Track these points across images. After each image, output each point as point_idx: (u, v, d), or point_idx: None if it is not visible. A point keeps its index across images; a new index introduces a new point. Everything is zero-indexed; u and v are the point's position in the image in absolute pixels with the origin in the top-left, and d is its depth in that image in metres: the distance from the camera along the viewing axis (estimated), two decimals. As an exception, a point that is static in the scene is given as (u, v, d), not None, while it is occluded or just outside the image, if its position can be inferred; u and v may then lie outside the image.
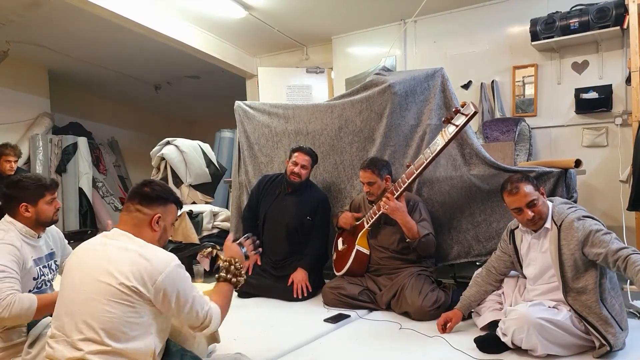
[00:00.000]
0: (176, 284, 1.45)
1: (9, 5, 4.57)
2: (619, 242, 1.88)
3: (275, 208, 3.21)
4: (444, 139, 2.51)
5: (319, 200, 3.19)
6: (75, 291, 1.44)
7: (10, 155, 3.84)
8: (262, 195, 3.31)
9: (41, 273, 1.95)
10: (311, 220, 3.15)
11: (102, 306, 1.38)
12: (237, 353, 1.98)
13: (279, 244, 3.20)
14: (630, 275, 1.79)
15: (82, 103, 7.70)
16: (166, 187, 1.66)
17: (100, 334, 1.37)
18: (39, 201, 1.96)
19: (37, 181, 1.99)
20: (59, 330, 1.43)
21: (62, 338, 1.41)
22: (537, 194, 2.07)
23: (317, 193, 3.24)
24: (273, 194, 3.25)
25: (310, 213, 3.15)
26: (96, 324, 1.37)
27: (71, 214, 6.36)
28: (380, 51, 5.05)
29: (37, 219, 1.96)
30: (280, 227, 3.19)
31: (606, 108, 3.92)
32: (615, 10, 3.69)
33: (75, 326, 1.39)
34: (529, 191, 2.04)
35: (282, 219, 3.18)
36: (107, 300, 1.38)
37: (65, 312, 1.43)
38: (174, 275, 1.45)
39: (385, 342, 2.25)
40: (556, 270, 2.01)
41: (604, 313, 1.91)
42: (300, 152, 3.14)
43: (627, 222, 3.40)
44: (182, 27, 5.03)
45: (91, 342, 1.37)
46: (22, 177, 2.00)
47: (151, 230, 1.56)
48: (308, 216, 3.15)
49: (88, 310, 1.39)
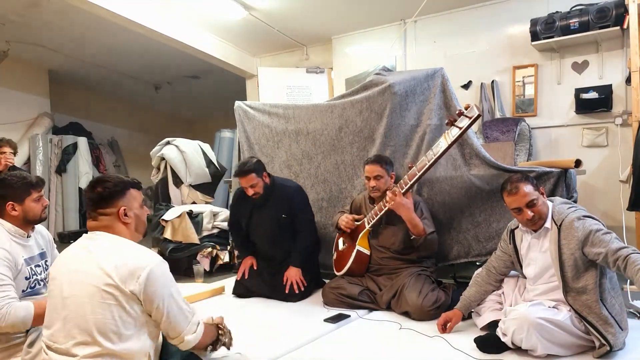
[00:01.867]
0: (160, 281, 1.43)
1: (9, 5, 4.58)
2: (619, 242, 1.88)
3: (252, 221, 3.18)
4: (447, 141, 2.51)
5: (290, 194, 3.10)
6: (64, 297, 1.42)
7: (5, 146, 3.75)
8: (238, 211, 3.27)
9: (33, 272, 1.94)
10: (287, 218, 3.08)
11: (94, 308, 1.37)
12: (237, 353, 1.98)
13: (267, 249, 3.20)
14: (630, 274, 1.79)
15: (82, 103, 7.71)
16: (116, 177, 1.59)
17: (94, 336, 1.35)
18: (26, 199, 1.94)
19: (22, 179, 1.97)
20: (52, 339, 1.41)
21: (56, 346, 1.40)
22: (537, 193, 2.06)
23: (286, 188, 3.13)
24: (246, 209, 3.18)
25: (285, 210, 3.08)
26: (90, 326, 1.36)
27: (71, 214, 6.38)
28: (380, 51, 5.05)
29: (25, 217, 1.95)
30: (262, 236, 3.18)
31: (606, 108, 3.92)
32: (615, 10, 3.69)
33: (68, 332, 1.38)
34: (528, 191, 2.04)
35: (262, 229, 3.16)
36: (97, 302, 1.37)
37: (56, 320, 1.42)
38: (158, 272, 1.43)
39: (385, 342, 2.25)
40: (556, 270, 2.01)
41: (603, 313, 1.91)
42: (239, 177, 2.99)
43: (627, 222, 3.41)
44: (182, 27, 5.03)
45: (85, 345, 1.36)
46: (7, 175, 1.99)
47: (123, 224, 1.53)
48: (283, 215, 3.08)
49: (80, 315, 1.38)
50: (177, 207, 4.29)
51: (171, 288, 1.47)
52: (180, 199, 4.61)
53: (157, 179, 4.77)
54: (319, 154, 3.50)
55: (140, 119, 8.89)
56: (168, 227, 4.08)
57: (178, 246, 4.01)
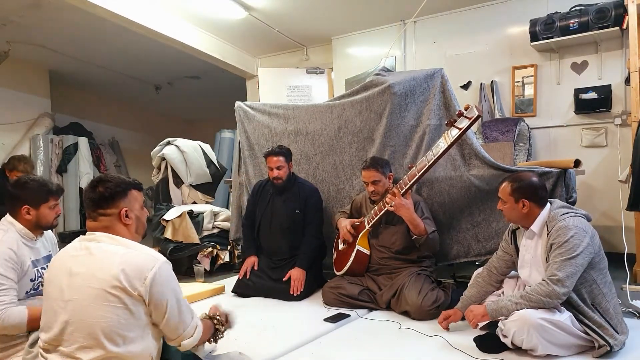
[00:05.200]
0: (165, 281, 1.42)
1: (9, 6, 4.59)
2: (565, 270, 1.88)
3: (268, 210, 3.29)
4: (447, 141, 2.52)
5: (307, 193, 3.24)
6: (65, 301, 1.38)
7: (19, 172, 3.77)
8: (257, 201, 3.38)
9: (39, 274, 1.96)
10: (301, 214, 3.19)
11: (98, 312, 1.34)
12: (237, 353, 1.99)
13: (276, 244, 3.25)
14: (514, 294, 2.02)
15: (82, 103, 7.71)
16: (118, 178, 1.56)
17: (99, 339, 1.33)
18: (42, 205, 1.96)
19: (43, 185, 1.99)
20: (52, 342, 1.39)
21: (57, 349, 1.38)
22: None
23: (305, 187, 3.28)
24: (265, 198, 3.32)
25: (300, 207, 3.20)
26: (94, 330, 1.34)
27: (72, 214, 6.39)
28: (380, 52, 5.06)
29: (37, 223, 1.97)
30: (274, 227, 3.25)
31: (605, 108, 3.93)
32: (615, 10, 3.70)
33: (71, 336, 1.36)
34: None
35: (275, 219, 3.25)
36: (101, 305, 1.35)
37: (56, 323, 1.38)
38: (163, 272, 1.42)
39: (385, 341, 2.26)
40: (541, 275, 2.03)
41: (596, 318, 1.93)
42: (270, 156, 3.18)
43: (627, 222, 3.41)
44: (183, 27, 5.04)
45: (89, 349, 1.34)
46: (29, 179, 2.00)
47: (124, 225, 1.51)
48: (297, 210, 3.19)
49: (83, 318, 1.35)
50: (177, 207, 4.30)
51: (175, 288, 1.46)
52: (181, 198, 4.62)
53: (158, 179, 4.77)
54: (317, 154, 3.51)
55: (140, 119, 8.90)
56: (169, 227, 4.09)
57: (179, 246, 4.02)
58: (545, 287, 1.89)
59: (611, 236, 3.75)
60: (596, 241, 1.99)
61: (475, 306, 2.15)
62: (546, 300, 1.88)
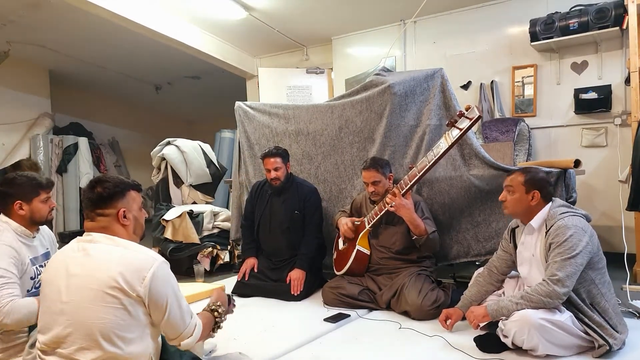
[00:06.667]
0: (164, 281, 1.42)
1: (9, 6, 4.59)
2: (565, 269, 1.88)
3: (267, 211, 3.29)
4: (448, 142, 2.52)
5: (306, 194, 3.24)
6: (62, 302, 1.38)
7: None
8: (255, 202, 3.39)
9: (38, 272, 1.95)
10: (300, 214, 3.19)
11: (96, 313, 1.34)
12: (237, 353, 1.99)
13: (275, 245, 3.26)
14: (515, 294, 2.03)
15: (82, 103, 7.71)
16: (117, 178, 1.55)
17: (98, 341, 1.33)
18: (34, 199, 1.95)
19: (33, 179, 1.98)
20: (50, 344, 1.38)
21: (55, 351, 1.37)
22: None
23: (303, 187, 3.28)
24: (264, 199, 3.33)
25: (298, 207, 3.20)
26: (93, 331, 1.33)
27: (72, 214, 6.39)
28: (380, 52, 5.06)
29: (31, 218, 1.95)
30: (273, 227, 3.25)
31: (605, 108, 3.93)
32: (615, 10, 3.70)
33: (69, 337, 1.35)
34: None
35: (274, 220, 3.25)
36: (99, 306, 1.34)
37: (54, 324, 1.38)
38: (161, 271, 1.42)
39: (385, 341, 2.26)
40: (541, 273, 2.03)
41: (595, 318, 1.93)
42: (267, 158, 3.19)
43: (626, 222, 3.41)
44: (183, 27, 5.04)
45: (88, 350, 1.34)
46: (17, 174, 1.99)
47: (122, 226, 1.50)
48: (296, 210, 3.19)
49: (82, 320, 1.34)
50: (177, 207, 4.30)
51: (174, 288, 1.46)
52: (181, 199, 4.62)
53: (158, 179, 4.77)
54: (319, 154, 3.51)
55: (140, 119, 8.90)
56: (169, 227, 4.09)
57: (178, 246, 4.02)
58: (546, 287, 1.90)
59: (611, 236, 3.75)
60: (595, 241, 2.00)
61: (476, 307, 2.16)
62: (547, 300, 1.89)
